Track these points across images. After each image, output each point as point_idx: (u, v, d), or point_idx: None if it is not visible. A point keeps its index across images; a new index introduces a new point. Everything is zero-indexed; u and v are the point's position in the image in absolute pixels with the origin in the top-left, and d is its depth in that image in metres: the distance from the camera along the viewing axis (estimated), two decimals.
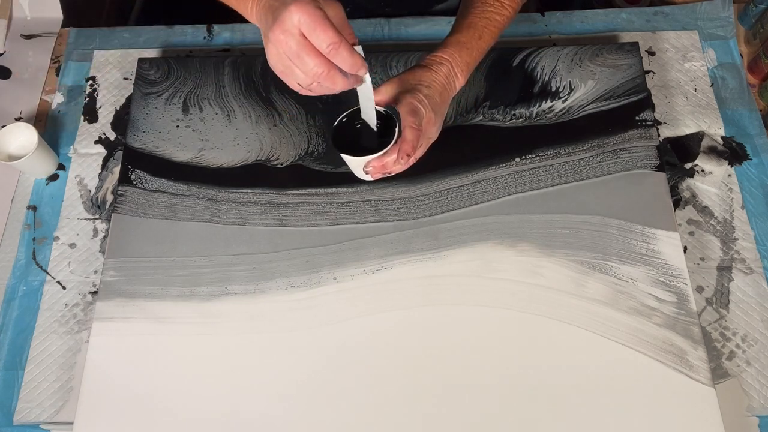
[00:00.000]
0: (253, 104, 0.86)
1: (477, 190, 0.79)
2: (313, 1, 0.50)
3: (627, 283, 0.73)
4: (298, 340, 0.71)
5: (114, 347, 0.71)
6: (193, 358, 0.71)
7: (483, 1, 0.73)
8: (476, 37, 0.71)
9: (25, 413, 0.73)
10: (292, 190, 0.80)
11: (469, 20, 0.72)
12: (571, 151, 0.81)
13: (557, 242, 0.76)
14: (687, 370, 0.68)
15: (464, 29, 0.72)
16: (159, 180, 0.81)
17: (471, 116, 0.84)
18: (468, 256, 0.75)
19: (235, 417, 0.68)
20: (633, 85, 0.85)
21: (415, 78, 0.68)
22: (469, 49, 0.71)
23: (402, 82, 0.67)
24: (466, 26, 0.72)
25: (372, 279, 0.74)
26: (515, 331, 0.71)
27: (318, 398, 0.69)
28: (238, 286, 0.74)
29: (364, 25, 0.98)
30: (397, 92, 0.66)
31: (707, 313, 0.77)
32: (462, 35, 0.71)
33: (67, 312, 0.78)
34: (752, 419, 0.71)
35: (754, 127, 0.88)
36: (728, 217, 0.82)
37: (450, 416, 0.67)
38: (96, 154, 0.89)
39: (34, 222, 0.85)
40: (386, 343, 0.71)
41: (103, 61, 0.96)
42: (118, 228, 0.78)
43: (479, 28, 0.72)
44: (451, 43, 0.71)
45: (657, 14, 0.98)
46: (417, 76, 0.68)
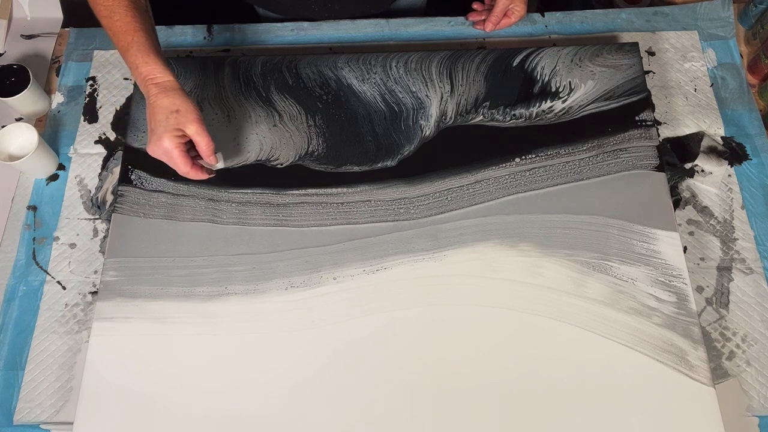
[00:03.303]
0: (253, 104, 0.86)
1: (477, 190, 0.79)
2: (173, 132, 0.70)
3: (627, 283, 0.73)
4: (298, 340, 0.71)
5: (114, 347, 0.72)
6: (193, 358, 0.71)
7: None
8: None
9: (25, 413, 0.73)
10: (292, 190, 0.80)
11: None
12: (571, 151, 0.81)
13: (557, 242, 0.76)
14: (687, 370, 0.68)
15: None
16: (159, 180, 0.81)
17: (471, 116, 0.84)
18: (468, 257, 0.75)
19: (235, 417, 0.68)
20: (633, 85, 0.85)
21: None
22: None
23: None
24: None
25: (372, 279, 0.74)
26: (515, 331, 0.71)
27: (318, 398, 0.69)
28: (238, 286, 0.74)
29: (365, 26, 0.98)
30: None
31: (707, 313, 0.77)
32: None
33: (67, 312, 0.78)
34: (752, 419, 0.71)
35: (754, 127, 0.88)
36: (728, 217, 0.82)
37: (450, 416, 0.67)
38: (96, 154, 0.89)
39: (34, 222, 0.85)
40: (386, 343, 0.71)
41: (104, 61, 0.96)
42: (118, 228, 0.78)
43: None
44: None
45: (657, 14, 0.98)
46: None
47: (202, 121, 0.71)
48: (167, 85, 0.71)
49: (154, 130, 0.70)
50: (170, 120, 0.70)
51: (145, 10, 0.75)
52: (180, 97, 0.71)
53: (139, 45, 0.71)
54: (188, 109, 0.70)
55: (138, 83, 0.73)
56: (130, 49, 0.71)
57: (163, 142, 0.70)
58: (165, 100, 0.70)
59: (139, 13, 0.73)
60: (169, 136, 0.70)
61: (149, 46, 0.72)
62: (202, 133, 0.71)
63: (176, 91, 0.71)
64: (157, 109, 0.70)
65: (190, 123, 0.70)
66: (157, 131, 0.70)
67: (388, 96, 0.86)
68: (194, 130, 0.71)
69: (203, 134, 0.72)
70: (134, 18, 0.72)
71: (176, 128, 0.70)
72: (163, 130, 0.70)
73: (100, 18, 0.74)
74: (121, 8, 0.72)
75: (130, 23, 0.72)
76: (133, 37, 0.71)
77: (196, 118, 0.71)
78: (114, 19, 0.72)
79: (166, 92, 0.70)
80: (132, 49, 0.71)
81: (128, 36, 0.71)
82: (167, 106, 0.70)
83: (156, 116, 0.70)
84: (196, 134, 0.71)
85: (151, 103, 0.71)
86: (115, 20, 0.72)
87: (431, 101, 0.85)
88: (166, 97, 0.70)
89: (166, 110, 0.70)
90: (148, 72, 0.71)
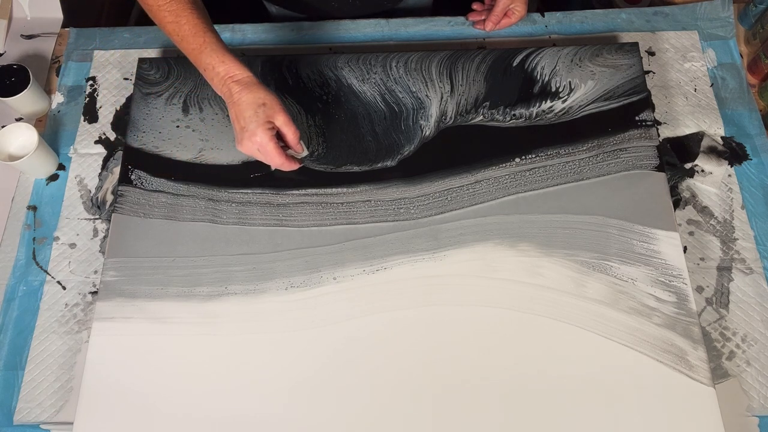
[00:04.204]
0: None
1: (477, 190, 0.79)
2: (266, 125, 0.70)
3: (627, 283, 0.73)
4: (298, 340, 0.71)
5: (114, 347, 0.72)
6: (193, 358, 0.71)
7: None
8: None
9: (25, 413, 0.73)
10: (292, 190, 0.80)
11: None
12: (571, 151, 0.81)
13: (557, 242, 0.76)
14: (687, 370, 0.68)
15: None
16: (159, 180, 0.81)
17: (471, 116, 0.84)
18: (468, 256, 0.75)
19: (235, 416, 0.68)
20: (633, 85, 0.85)
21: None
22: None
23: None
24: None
25: (372, 279, 0.74)
26: (515, 330, 0.71)
27: (318, 398, 0.69)
28: (238, 286, 0.74)
29: (365, 26, 0.98)
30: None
31: (707, 313, 0.77)
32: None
33: (67, 312, 0.78)
34: (752, 419, 0.71)
35: (754, 127, 0.88)
36: (728, 217, 0.82)
37: (450, 416, 0.67)
38: (96, 154, 0.89)
39: (34, 222, 0.85)
40: (386, 343, 0.71)
41: (104, 61, 0.96)
42: (118, 228, 0.78)
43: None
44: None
45: (657, 14, 0.98)
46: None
47: (287, 111, 0.72)
48: (247, 80, 0.71)
49: (245, 126, 0.70)
50: (260, 114, 0.70)
51: (204, 9, 0.75)
52: (263, 90, 0.71)
53: (213, 45, 0.71)
54: (273, 100, 0.71)
55: (214, 83, 0.72)
56: (204, 51, 0.71)
57: (257, 136, 0.70)
58: (249, 95, 0.70)
59: (203, 13, 0.73)
60: (262, 130, 0.70)
61: (222, 45, 0.72)
62: (289, 122, 0.72)
63: (257, 85, 0.71)
64: (244, 105, 0.70)
65: (278, 114, 0.71)
66: (248, 127, 0.70)
67: (388, 96, 0.86)
68: (282, 120, 0.71)
69: (291, 124, 0.72)
70: (200, 19, 0.72)
71: (267, 121, 0.70)
72: (255, 125, 0.70)
73: (164, 24, 0.73)
74: (186, 11, 0.71)
75: (198, 25, 0.71)
76: (204, 39, 0.71)
77: (283, 109, 0.72)
78: (181, 23, 0.71)
79: (248, 87, 0.71)
80: (206, 50, 0.71)
81: (199, 38, 0.71)
82: (253, 100, 0.70)
83: (244, 113, 0.70)
84: (285, 124, 0.72)
85: (235, 101, 0.71)
86: (183, 24, 0.71)
87: (431, 101, 0.85)
88: (250, 93, 0.70)
89: (254, 105, 0.70)
90: (226, 71, 0.71)
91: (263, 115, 0.70)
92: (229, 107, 0.72)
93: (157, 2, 0.72)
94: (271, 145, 0.71)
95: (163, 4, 0.72)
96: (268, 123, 0.71)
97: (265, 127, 0.70)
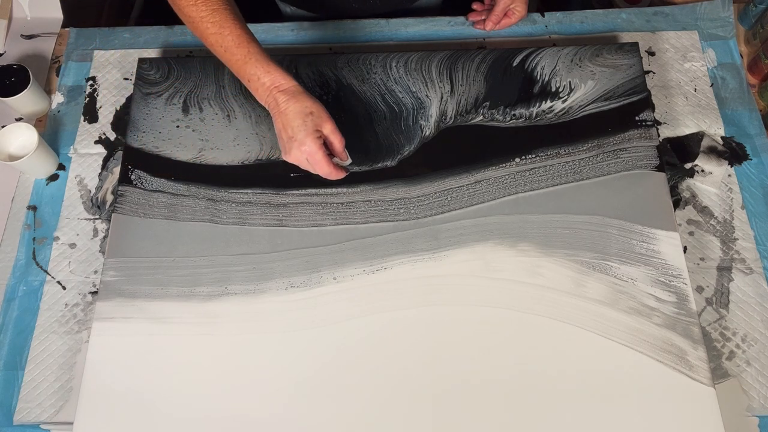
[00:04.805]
0: (253, 104, 0.86)
1: (477, 190, 0.79)
2: (314, 134, 0.70)
3: (627, 283, 0.73)
4: (298, 340, 0.71)
5: (114, 347, 0.72)
6: (193, 358, 0.71)
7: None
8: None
9: (25, 413, 0.73)
10: (292, 190, 0.80)
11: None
12: (571, 151, 0.81)
13: (557, 242, 0.76)
14: (687, 370, 0.68)
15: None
16: (159, 180, 0.81)
17: (471, 116, 0.84)
18: (468, 256, 0.75)
19: (235, 416, 0.68)
20: (633, 85, 0.85)
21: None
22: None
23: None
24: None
25: (372, 279, 0.74)
26: (515, 331, 0.71)
27: (318, 398, 0.69)
28: (238, 286, 0.74)
29: (365, 26, 0.98)
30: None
31: (707, 313, 0.77)
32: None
33: (67, 312, 0.78)
34: (752, 419, 0.71)
35: (754, 127, 0.88)
36: (728, 217, 0.82)
37: (450, 415, 0.67)
38: (96, 154, 0.89)
39: (34, 222, 0.85)
40: (386, 343, 0.71)
41: (104, 61, 0.96)
42: (118, 228, 0.78)
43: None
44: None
45: (657, 14, 0.98)
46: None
47: (333, 119, 0.72)
48: (293, 89, 0.71)
49: (294, 136, 0.70)
50: (308, 123, 0.70)
51: (243, 19, 0.74)
52: (309, 99, 0.71)
53: (257, 56, 0.71)
54: (320, 109, 0.71)
55: (258, 93, 0.72)
56: (248, 61, 0.71)
57: (306, 146, 0.70)
58: (297, 104, 0.70)
59: (244, 23, 0.73)
60: (311, 139, 0.70)
61: (266, 55, 0.72)
62: (336, 131, 0.73)
63: (303, 94, 0.71)
64: (291, 115, 0.70)
65: (325, 122, 0.71)
66: (297, 136, 0.70)
67: (388, 96, 0.86)
68: (330, 128, 0.72)
69: (337, 132, 0.73)
70: (243, 29, 0.72)
71: (315, 130, 0.70)
72: (304, 134, 0.70)
73: (206, 36, 0.72)
74: (229, 21, 0.71)
75: (242, 35, 0.71)
76: (248, 49, 0.71)
77: (329, 117, 0.72)
78: (224, 34, 0.71)
79: (295, 97, 0.71)
80: (251, 61, 0.71)
81: (243, 48, 0.71)
82: (301, 110, 0.70)
83: (291, 122, 0.70)
84: (332, 133, 0.72)
85: (282, 110, 0.71)
86: (226, 35, 0.71)
87: (431, 101, 0.85)
88: (297, 102, 0.70)
89: (302, 114, 0.70)
90: (272, 81, 0.71)
91: (311, 124, 0.70)
92: (275, 117, 0.72)
93: (199, 14, 0.71)
94: (320, 154, 0.71)
95: (205, 15, 0.71)
96: (317, 132, 0.71)
97: (314, 136, 0.70)
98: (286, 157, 0.73)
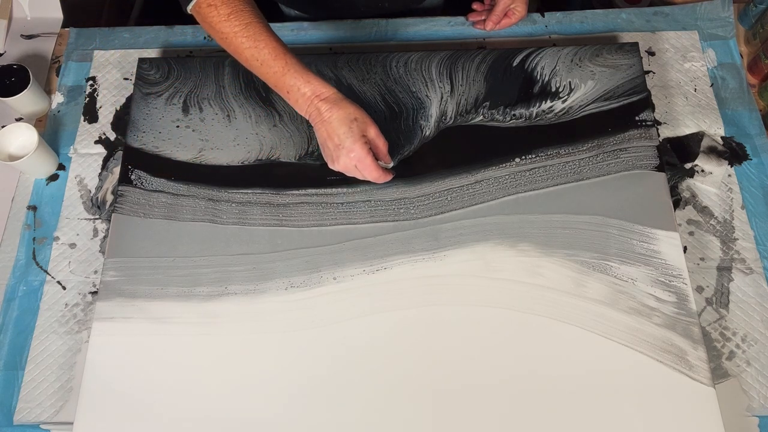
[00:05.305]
0: (253, 104, 0.86)
1: (477, 190, 0.79)
2: (361, 139, 0.71)
3: (627, 283, 0.73)
4: (298, 341, 0.71)
5: (114, 347, 0.72)
6: (193, 359, 0.71)
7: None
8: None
9: (25, 413, 0.73)
10: (292, 190, 0.80)
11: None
12: (571, 151, 0.81)
13: (557, 242, 0.76)
14: (687, 370, 0.68)
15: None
16: (159, 180, 0.81)
17: (471, 116, 0.84)
18: (468, 257, 0.75)
19: (235, 417, 0.68)
20: (633, 85, 0.85)
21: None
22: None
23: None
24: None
25: (372, 279, 0.74)
26: (515, 331, 0.71)
27: (318, 398, 0.69)
28: (238, 286, 0.74)
29: (365, 25, 0.98)
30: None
31: (707, 313, 0.77)
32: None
33: (67, 312, 0.78)
34: (752, 419, 0.71)
35: (754, 127, 0.88)
36: (728, 217, 0.82)
37: (450, 415, 0.67)
38: (96, 154, 0.89)
39: (34, 222, 0.85)
40: (386, 343, 0.71)
41: (104, 61, 0.96)
42: (118, 228, 0.78)
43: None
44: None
45: (657, 14, 0.98)
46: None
47: (376, 123, 0.73)
48: (334, 97, 0.71)
49: (341, 143, 0.71)
50: (354, 129, 0.70)
51: (271, 27, 0.73)
52: (351, 105, 0.71)
53: (295, 66, 0.71)
54: (363, 114, 0.72)
55: (299, 104, 0.72)
56: (287, 72, 0.70)
57: (354, 152, 0.71)
58: (340, 111, 0.70)
59: (275, 33, 0.72)
60: (360, 145, 0.71)
61: (303, 65, 0.71)
62: (380, 134, 0.73)
63: (344, 101, 0.71)
64: (336, 122, 0.70)
65: (370, 127, 0.72)
66: (345, 144, 0.71)
67: (388, 96, 0.86)
68: (374, 132, 0.73)
69: (381, 135, 0.73)
70: (277, 41, 0.71)
71: (362, 135, 0.71)
72: (352, 141, 0.70)
73: (241, 51, 0.71)
74: (263, 34, 0.70)
75: (278, 47, 0.71)
76: (285, 60, 0.70)
77: (372, 121, 0.72)
78: (260, 47, 0.70)
79: (337, 104, 0.71)
80: (290, 72, 0.70)
81: (280, 60, 0.70)
82: (345, 116, 0.70)
83: (337, 130, 0.70)
84: (377, 137, 0.73)
85: (325, 119, 0.71)
86: (262, 48, 0.70)
87: (431, 101, 0.85)
88: (341, 109, 0.70)
89: (347, 121, 0.70)
90: (312, 90, 0.71)
91: (357, 129, 0.71)
92: (318, 126, 0.72)
93: (232, 29, 0.70)
94: (369, 159, 0.71)
95: (239, 30, 0.70)
96: (363, 137, 0.71)
97: (362, 142, 0.71)
98: (334, 165, 0.73)
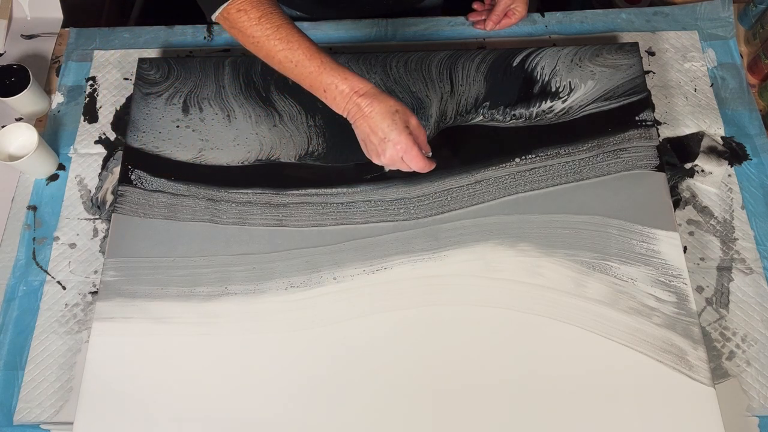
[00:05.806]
0: (253, 104, 0.86)
1: (477, 190, 0.79)
2: (405, 130, 0.71)
3: (627, 283, 0.73)
4: (298, 340, 0.71)
5: (114, 347, 0.72)
6: (193, 358, 0.71)
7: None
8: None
9: (25, 413, 0.73)
10: (292, 190, 0.80)
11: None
12: (571, 151, 0.81)
13: (557, 242, 0.76)
14: (687, 370, 0.68)
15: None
16: (159, 180, 0.81)
17: (471, 116, 0.84)
18: (468, 257, 0.75)
19: (235, 417, 0.68)
20: (633, 85, 0.85)
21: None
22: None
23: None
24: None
25: (372, 279, 0.74)
26: (515, 331, 0.71)
27: (318, 398, 0.69)
28: (238, 286, 0.74)
29: (365, 26, 0.98)
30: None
31: (707, 313, 0.77)
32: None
33: (67, 312, 0.78)
34: (752, 419, 0.71)
35: (754, 127, 0.88)
36: (728, 217, 0.82)
37: (450, 415, 0.67)
38: (96, 154, 0.89)
39: (34, 222, 0.85)
40: (386, 343, 0.71)
41: (104, 62, 0.96)
42: (118, 228, 0.78)
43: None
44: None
45: (657, 14, 0.98)
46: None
47: (415, 113, 0.73)
48: (372, 92, 0.71)
49: (386, 137, 0.71)
50: (397, 121, 0.70)
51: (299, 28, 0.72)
52: (390, 98, 0.71)
53: (330, 64, 0.70)
54: (402, 105, 0.72)
55: (337, 102, 0.72)
56: (323, 71, 0.70)
57: (400, 144, 0.71)
58: (381, 105, 0.70)
59: (303, 32, 0.71)
60: (405, 136, 0.71)
61: (337, 63, 0.71)
62: (420, 124, 0.73)
63: (383, 94, 0.71)
64: (379, 116, 0.70)
65: (410, 117, 0.72)
66: (390, 136, 0.70)
67: None
68: (415, 123, 0.73)
69: (421, 125, 0.74)
70: (309, 41, 0.71)
71: (405, 126, 0.71)
72: (397, 133, 0.70)
73: (273, 54, 0.70)
74: (295, 35, 0.70)
75: (310, 47, 0.70)
76: (320, 60, 0.70)
77: (412, 112, 0.72)
78: (293, 48, 0.70)
79: (377, 98, 0.70)
80: (326, 71, 0.70)
81: (315, 60, 0.70)
82: (387, 109, 0.70)
83: (380, 124, 0.70)
84: (417, 127, 0.73)
85: (366, 114, 0.70)
86: (295, 49, 0.70)
87: (431, 101, 0.85)
88: (381, 103, 0.70)
89: (389, 114, 0.70)
90: (350, 87, 0.70)
91: (400, 121, 0.71)
92: (359, 122, 0.72)
93: (264, 32, 0.69)
94: (415, 150, 0.71)
95: (270, 33, 0.69)
96: (407, 129, 0.71)
97: (406, 133, 0.71)
98: (379, 158, 0.73)
